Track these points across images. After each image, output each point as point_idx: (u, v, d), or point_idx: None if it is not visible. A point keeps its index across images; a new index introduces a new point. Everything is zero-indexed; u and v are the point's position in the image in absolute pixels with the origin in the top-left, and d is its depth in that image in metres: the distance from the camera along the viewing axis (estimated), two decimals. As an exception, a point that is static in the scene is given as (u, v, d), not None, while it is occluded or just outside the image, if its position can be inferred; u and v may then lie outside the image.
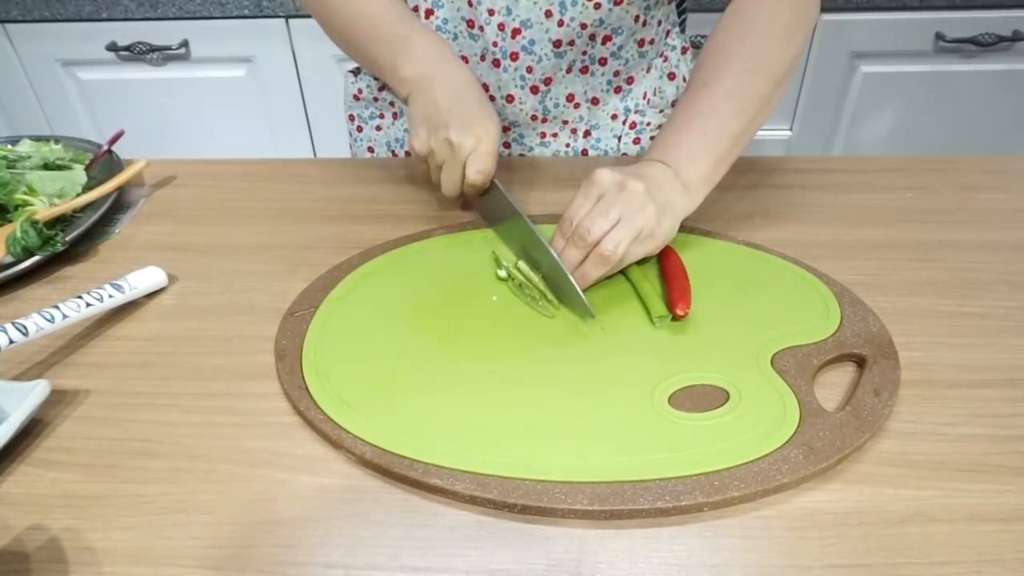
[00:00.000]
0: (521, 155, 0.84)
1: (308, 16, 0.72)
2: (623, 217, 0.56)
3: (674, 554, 0.41)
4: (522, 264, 0.60)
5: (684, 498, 0.42)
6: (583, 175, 0.60)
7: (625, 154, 0.84)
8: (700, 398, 0.49)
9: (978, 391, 0.50)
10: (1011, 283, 0.60)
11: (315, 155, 1.58)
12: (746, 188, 0.74)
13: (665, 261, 0.60)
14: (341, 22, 0.72)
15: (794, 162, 0.79)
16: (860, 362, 0.52)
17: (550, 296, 0.58)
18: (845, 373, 0.52)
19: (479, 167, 0.63)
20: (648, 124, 0.84)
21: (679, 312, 0.55)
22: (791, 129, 1.49)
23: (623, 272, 0.60)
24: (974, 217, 0.68)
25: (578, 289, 0.55)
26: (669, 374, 0.51)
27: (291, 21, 1.39)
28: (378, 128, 0.89)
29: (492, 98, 0.79)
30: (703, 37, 0.89)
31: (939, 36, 1.33)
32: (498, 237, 0.67)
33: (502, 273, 0.61)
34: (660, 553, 0.41)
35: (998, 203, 0.70)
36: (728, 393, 0.49)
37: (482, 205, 0.69)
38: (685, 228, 0.66)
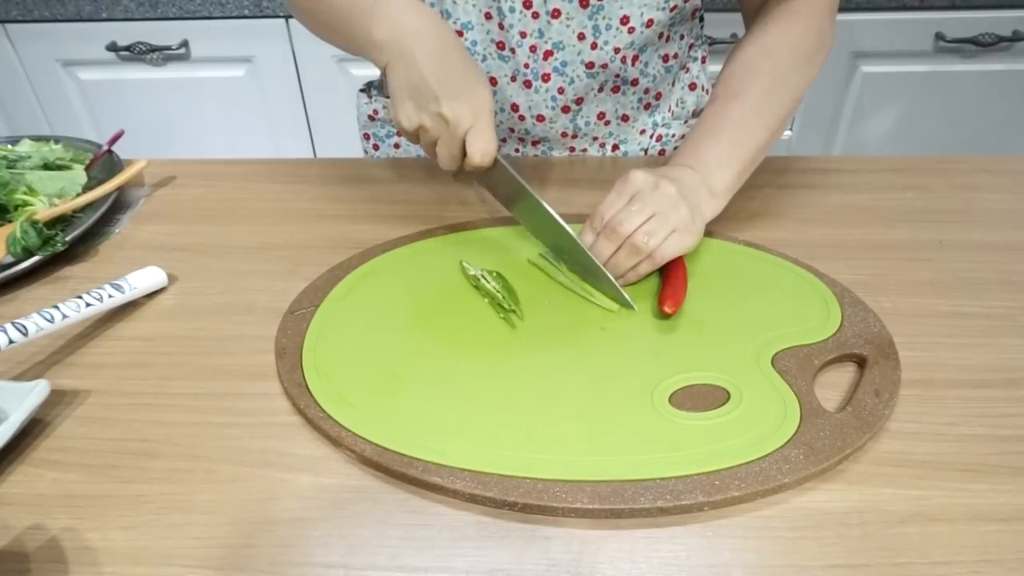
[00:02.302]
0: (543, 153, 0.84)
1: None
2: (657, 213, 0.57)
3: (674, 554, 0.41)
4: (486, 272, 0.60)
5: (684, 497, 0.42)
6: (603, 176, 0.60)
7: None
8: (701, 398, 0.49)
9: (978, 391, 0.50)
10: (1011, 283, 0.60)
11: (315, 155, 1.58)
12: (747, 188, 0.73)
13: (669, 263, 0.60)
14: (312, 3, 0.67)
15: (794, 162, 0.78)
16: (861, 362, 0.52)
17: (508, 305, 0.57)
18: (846, 373, 0.52)
19: (483, 148, 0.58)
20: (673, 135, 0.84)
21: (666, 310, 0.55)
22: (791, 129, 1.48)
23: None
24: (974, 217, 0.68)
25: (609, 276, 0.57)
26: (670, 374, 0.51)
27: (291, 21, 1.39)
28: (396, 146, 0.89)
29: (522, 118, 0.79)
30: (716, 38, 0.89)
31: (939, 36, 1.33)
32: (516, 217, 0.66)
33: (472, 272, 0.60)
34: (660, 553, 0.41)
35: (998, 203, 0.70)
36: (729, 393, 0.49)
37: (485, 180, 0.65)
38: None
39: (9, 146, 0.80)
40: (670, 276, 0.58)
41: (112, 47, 1.42)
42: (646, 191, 0.58)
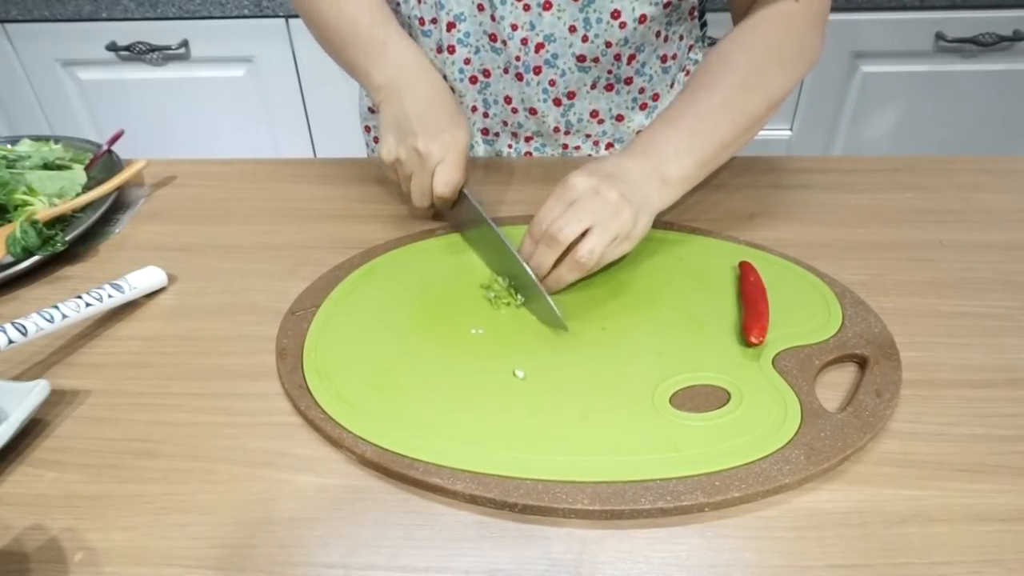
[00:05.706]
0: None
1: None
2: (597, 223, 0.55)
3: (675, 554, 0.41)
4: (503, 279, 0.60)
5: (685, 498, 0.42)
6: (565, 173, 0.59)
7: None
8: (701, 398, 0.49)
9: (978, 391, 0.50)
10: (1011, 283, 0.60)
11: (315, 155, 1.58)
12: (746, 188, 0.73)
13: (745, 282, 0.58)
14: (320, 18, 0.71)
15: (794, 162, 0.78)
16: (862, 363, 0.52)
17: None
18: (847, 373, 0.52)
19: (446, 179, 0.63)
20: None
21: (753, 340, 0.52)
22: (791, 129, 1.48)
23: None
24: (974, 217, 0.68)
25: (550, 302, 0.54)
26: (670, 374, 0.51)
27: (291, 21, 1.39)
28: None
29: (515, 110, 0.79)
30: (716, 38, 0.89)
31: (939, 36, 1.33)
32: (469, 246, 0.65)
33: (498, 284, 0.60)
34: (661, 553, 0.41)
35: (998, 203, 0.70)
36: (729, 393, 0.49)
37: (453, 216, 0.68)
38: (686, 228, 0.66)
39: (9, 146, 0.80)
40: (752, 302, 0.55)
41: (112, 47, 1.42)
42: (586, 197, 0.56)
